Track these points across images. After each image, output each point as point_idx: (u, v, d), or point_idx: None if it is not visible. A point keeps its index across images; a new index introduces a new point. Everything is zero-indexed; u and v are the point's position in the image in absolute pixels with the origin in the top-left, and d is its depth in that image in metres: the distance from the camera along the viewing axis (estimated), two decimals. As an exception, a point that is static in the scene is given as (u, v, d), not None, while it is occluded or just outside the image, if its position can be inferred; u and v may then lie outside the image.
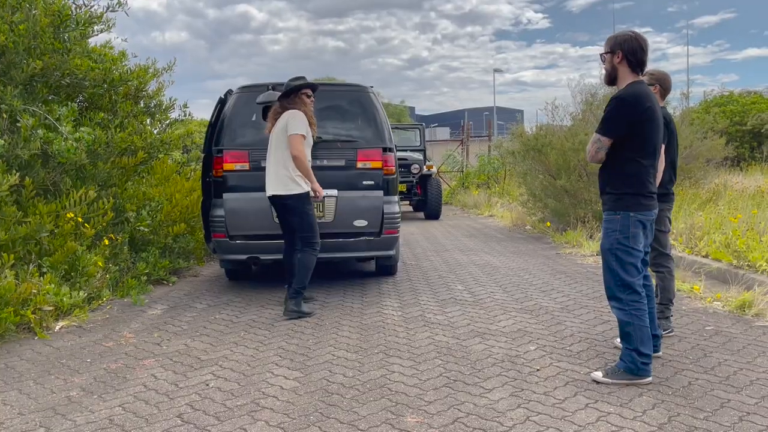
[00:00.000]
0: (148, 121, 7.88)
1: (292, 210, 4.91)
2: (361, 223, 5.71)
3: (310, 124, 5.00)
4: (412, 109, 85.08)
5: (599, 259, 7.75)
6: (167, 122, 7.92)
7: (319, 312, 5.09)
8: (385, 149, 5.83)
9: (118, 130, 6.39)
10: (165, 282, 6.38)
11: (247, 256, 5.74)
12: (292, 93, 5.00)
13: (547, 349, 4.01)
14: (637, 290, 3.40)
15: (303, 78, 5.15)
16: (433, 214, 13.37)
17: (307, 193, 4.92)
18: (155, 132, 7.87)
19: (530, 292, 5.71)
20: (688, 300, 5.29)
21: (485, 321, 4.72)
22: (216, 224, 5.73)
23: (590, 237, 8.59)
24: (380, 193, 5.77)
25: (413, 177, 13.08)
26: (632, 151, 3.39)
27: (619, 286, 3.42)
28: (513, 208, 13.33)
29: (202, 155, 6.31)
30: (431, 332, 4.43)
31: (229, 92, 6.04)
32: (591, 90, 11.01)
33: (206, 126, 6.47)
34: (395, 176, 5.94)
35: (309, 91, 5.10)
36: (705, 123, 11.31)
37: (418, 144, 14.37)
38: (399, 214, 5.90)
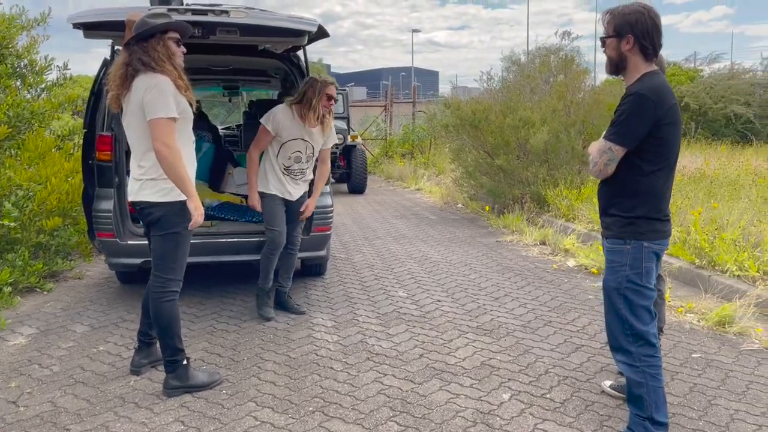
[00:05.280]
0: (18, 83, 6.44)
1: (156, 225, 3.22)
2: None
3: (179, 89, 3.16)
4: (327, 66, 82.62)
5: (544, 250, 7.21)
6: (42, 86, 6.48)
7: (236, 337, 4.11)
8: None
9: (-30, 98, 5.01)
10: (38, 290, 5.15)
11: (143, 260, 4.61)
12: (150, 37, 3.14)
13: (523, 398, 3.25)
14: (651, 341, 2.65)
15: (166, 14, 3.27)
16: (357, 188, 12.43)
17: (184, 203, 3.16)
18: (27, 97, 6.45)
19: (481, 301, 4.96)
20: (658, 311, 4.70)
21: (440, 350, 3.90)
22: (101, 221, 4.57)
23: (530, 222, 7.99)
24: None
25: (336, 148, 12.03)
26: (649, 162, 2.60)
27: (628, 336, 2.67)
28: (441, 182, 12.63)
29: (84, 131, 5.05)
30: (378, 371, 3.57)
31: (116, 51, 4.76)
32: (512, 57, 10.28)
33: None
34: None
35: (177, 35, 3.24)
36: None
37: (342, 111, 13.25)
38: (331, 208, 4.96)
